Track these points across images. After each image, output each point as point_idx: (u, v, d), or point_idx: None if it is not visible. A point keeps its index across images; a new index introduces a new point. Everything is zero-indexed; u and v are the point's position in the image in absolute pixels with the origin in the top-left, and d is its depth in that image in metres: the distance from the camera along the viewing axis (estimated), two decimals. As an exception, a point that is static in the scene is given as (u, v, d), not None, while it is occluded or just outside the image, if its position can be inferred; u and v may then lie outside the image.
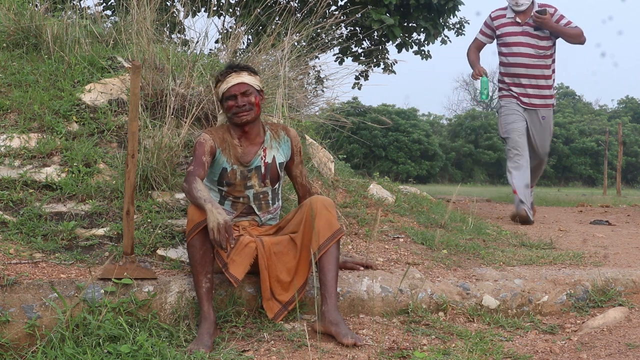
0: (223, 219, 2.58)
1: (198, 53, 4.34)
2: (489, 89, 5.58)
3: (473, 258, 3.72)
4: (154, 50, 4.11)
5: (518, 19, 5.45)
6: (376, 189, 4.76)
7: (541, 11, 5.30)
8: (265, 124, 3.11)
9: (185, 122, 3.65)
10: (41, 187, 3.34)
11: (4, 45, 4.37)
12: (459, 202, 7.60)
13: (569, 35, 5.40)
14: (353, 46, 10.76)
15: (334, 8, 9.90)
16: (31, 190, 3.30)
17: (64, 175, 3.42)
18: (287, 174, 3.22)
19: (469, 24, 11.70)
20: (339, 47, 9.88)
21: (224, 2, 7.74)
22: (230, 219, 2.63)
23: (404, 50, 10.96)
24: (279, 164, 3.07)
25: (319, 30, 5.41)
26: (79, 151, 3.55)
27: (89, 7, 8.81)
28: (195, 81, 4.06)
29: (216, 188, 3.03)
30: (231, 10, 9.21)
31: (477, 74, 5.58)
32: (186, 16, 5.68)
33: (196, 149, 2.91)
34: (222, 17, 7.88)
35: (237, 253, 2.77)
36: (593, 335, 2.78)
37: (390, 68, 11.60)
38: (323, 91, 6.40)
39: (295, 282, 2.84)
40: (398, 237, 3.94)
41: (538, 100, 5.49)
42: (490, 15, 5.63)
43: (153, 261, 3.02)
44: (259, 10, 5.77)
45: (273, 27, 4.90)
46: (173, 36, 5.67)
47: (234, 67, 3.00)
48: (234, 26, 6.02)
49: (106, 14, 8.95)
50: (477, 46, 5.73)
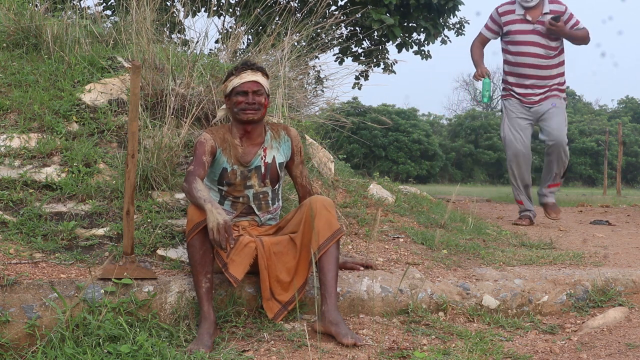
0: (223, 219, 2.58)
1: (198, 53, 4.34)
2: (491, 91, 5.46)
3: (473, 258, 3.72)
4: (154, 50, 4.11)
5: (528, 16, 5.11)
6: (376, 189, 4.76)
7: (556, 18, 5.01)
8: (266, 124, 3.11)
9: (185, 122, 3.65)
10: (41, 187, 3.34)
11: (4, 45, 4.37)
12: (459, 202, 7.60)
13: (576, 38, 5.18)
14: (353, 46, 10.77)
15: (334, 8, 9.90)
16: (31, 190, 3.30)
17: (64, 175, 3.42)
18: (288, 174, 3.22)
19: (469, 24, 11.71)
20: (339, 47, 9.88)
21: (224, 2, 7.74)
22: (230, 219, 2.63)
23: (404, 50, 10.97)
24: (279, 164, 3.07)
25: (319, 30, 5.41)
26: (79, 151, 3.55)
27: (89, 7, 8.82)
28: (195, 81, 4.06)
29: (216, 188, 3.03)
30: (231, 10, 9.21)
31: (480, 75, 5.28)
32: (186, 16, 5.68)
33: (197, 148, 2.91)
34: (222, 17, 7.88)
35: (237, 253, 2.77)
36: (593, 335, 2.78)
37: (390, 68, 11.61)
38: (323, 91, 6.40)
39: (295, 282, 2.84)
40: (398, 237, 3.94)
41: (545, 96, 5.18)
42: (497, 9, 5.30)
43: (153, 261, 3.02)
44: (259, 10, 5.77)
45: (273, 27, 4.90)
46: (173, 36, 5.68)
47: (250, 65, 3.00)
48: (234, 26, 6.02)
49: (106, 14, 8.95)
50: (481, 41, 5.42)
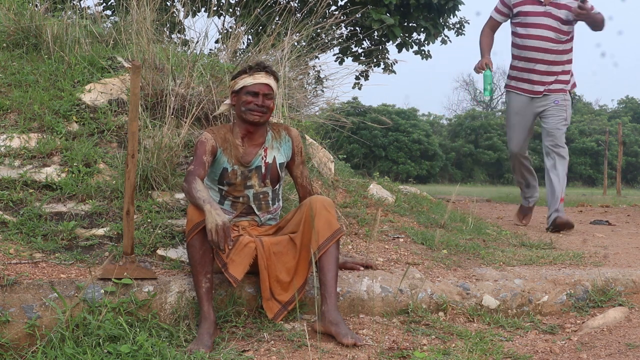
0: (221, 220, 2.58)
1: (198, 53, 4.34)
2: (492, 86, 5.05)
3: (473, 258, 3.72)
4: (154, 50, 4.11)
5: None
6: (376, 189, 4.76)
7: (583, 0, 4.62)
8: (268, 124, 3.11)
9: (185, 122, 3.65)
10: (41, 187, 3.34)
11: (4, 45, 4.37)
12: (458, 202, 7.60)
13: (598, 22, 4.78)
14: (353, 46, 10.78)
15: (334, 8, 9.91)
16: (31, 190, 3.30)
17: (64, 175, 3.42)
18: (289, 174, 3.22)
19: (469, 23, 11.74)
20: (339, 47, 9.88)
21: (224, 2, 7.74)
22: (229, 220, 2.63)
23: (404, 50, 10.98)
24: (280, 164, 3.07)
25: (319, 30, 5.41)
26: (79, 151, 3.55)
27: (89, 7, 8.82)
28: (195, 81, 4.06)
29: (216, 187, 3.03)
30: (231, 10, 9.21)
31: (480, 67, 4.97)
32: (186, 16, 5.68)
33: (197, 148, 2.91)
34: (222, 17, 7.88)
35: (237, 253, 2.77)
36: (593, 335, 2.78)
37: (390, 68, 11.62)
38: (323, 91, 6.39)
39: (294, 282, 2.84)
40: (398, 237, 3.94)
41: (551, 86, 4.91)
42: None
43: (153, 261, 3.02)
44: (259, 10, 5.77)
45: (273, 27, 4.90)
46: (173, 36, 5.68)
47: (265, 67, 2.99)
48: (234, 26, 6.02)
49: (106, 14, 8.96)
50: (491, 26, 5.10)
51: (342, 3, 10.29)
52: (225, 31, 5.40)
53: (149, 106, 3.88)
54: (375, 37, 10.81)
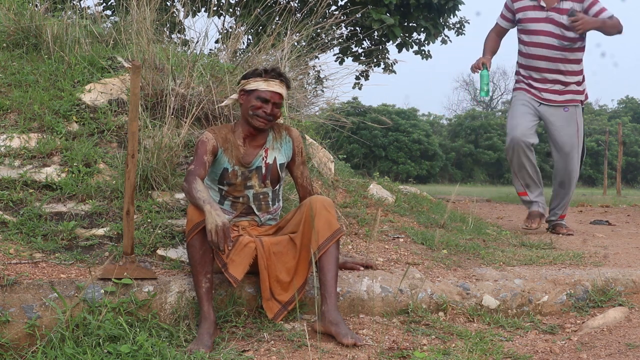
0: (221, 221, 2.58)
1: (198, 53, 4.34)
2: (490, 86, 4.92)
3: (473, 258, 3.72)
4: (154, 50, 4.11)
5: (542, 2, 4.66)
6: (376, 189, 4.77)
7: (571, 13, 4.53)
8: (269, 125, 3.11)
9: (185, 122, 3.65)
10: (41, 187, 3.34)
11: (4, 45, 4.37)
12: (458, 202, 7.60)
13: (609, 27, 4.56)
14: (353, 46, 10.78)
15: (334, 8, 9.91)
16: (31, 190, 3.30)
17: (64, 175, 3.42)
18: (289, 174, 3.22)
19: (469, 23, 11.75)
20: (339, 47, 9.89)
21: (224, 2, 7.74)
22: (228, 221, 2.63)
23: (404, 50, 10.99)
24: (280, 164, 3.07)
25: (319, 30, 5.41)
26: (79, 151, 3.55)
27: (89, 7, 8.82)
28: (195, 81, 4.06)
29: (216, 187, 3.03)
30: (231, 10, 9.21)
31: (477, 66, 4.81)
32: (186, 16, 5.68)
33: (198, 147, 2.91)
34: (222, 17, 7.88)
35: (237, 253, 2.77)
36: (593, 335, 2.78)
37: (391, 68, 11.63)
38: (323, 91, 6.39)
39: (294, 282, 2.84)
40: (398, 237, 3.94)
41: (560, 96, 4.75)
42: None
43: (153, 261, 3.02)
44: (259, 10, 5.77)
45: (273, 27, 4.90)
46: (173, 36, 5.68)
47: (281, 76, 2.97)
48: (234, 26, 6.02)
49: (106, 14, 8.96)
50: (497, 32, 4.99)
51: (342, 3, 10.30)
52: (225, 31, 5.40)
53: (149, 106, 3.88)
54: (375, 37, 10.82)
